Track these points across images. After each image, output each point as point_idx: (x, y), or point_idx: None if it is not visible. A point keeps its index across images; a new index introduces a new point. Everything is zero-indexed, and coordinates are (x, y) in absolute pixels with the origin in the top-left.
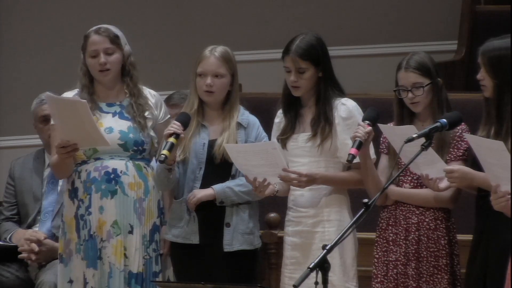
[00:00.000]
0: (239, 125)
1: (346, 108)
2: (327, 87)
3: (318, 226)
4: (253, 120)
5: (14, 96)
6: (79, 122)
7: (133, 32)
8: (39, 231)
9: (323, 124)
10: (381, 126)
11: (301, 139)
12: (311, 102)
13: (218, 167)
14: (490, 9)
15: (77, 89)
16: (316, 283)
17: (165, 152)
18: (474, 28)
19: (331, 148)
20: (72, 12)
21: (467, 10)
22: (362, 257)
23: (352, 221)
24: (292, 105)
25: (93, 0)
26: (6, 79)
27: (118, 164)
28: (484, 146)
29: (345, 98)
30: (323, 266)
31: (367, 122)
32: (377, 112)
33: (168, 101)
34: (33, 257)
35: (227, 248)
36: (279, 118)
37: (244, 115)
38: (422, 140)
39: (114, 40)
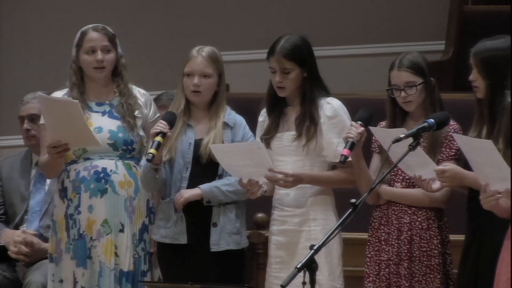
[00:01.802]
0: (226, 125)
1: (331, 107)
2: (313, 87)
3: (304, 225)
4: (240, 120)
5: (3, 96)
6: (70, 122)
7: (121, 33)
8: (28, 230)
9: (308, 124)
10: (372, 128)
11: (286, 138)
12: (296, 102)
13: (205, 167)
14: (478, 9)
15: (67, 89)
16: (304, 283)
17: (152, 151)
18: (462, 28)
19: (316, 147)
20: (66, 13)
21: (455, 10)
22: (352, 257)
23: (339, 221)
24: (277, 105)
25: (82, 1)
26: None
27: (107, 163)
28: (473, 145)
29: (330, 97)
30: (310, 266)
31: (360, 122)
32: (370, 112)
33: (156, 102)
34: (27, 259)
35: (214, 248)
36: (263, 117)
37: (230, 115)
38: (411, 140)
39: (112, 39)
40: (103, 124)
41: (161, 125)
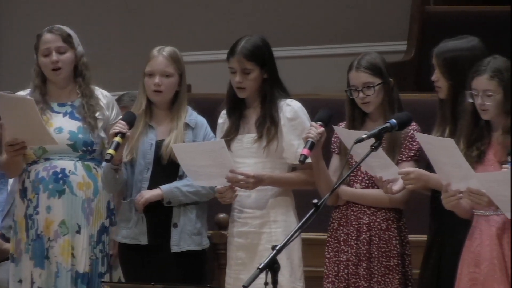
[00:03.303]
0: (187, 125)
1: (291, 109)
2: (273, 89)
3: (264, 227)
4: (201, 121)
5: None
6: (27, 120)
7: (83, 33)
8: None
9: (269, 125)
10: (336, 128)
11: (246, 140)
12: (256, 103)
13: (166, 168)
14: (440, 10)
15: (30, 89)
16: (266, 283)
17: (110, 151)
18: (423, 28)
19: (277, 149)
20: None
21: (416, 10)
22: (312, 257)
23: (301, 222)
24: (237, 106)
25: (43, 3)
26: None
27: (66, 164)
28: (435, 144)
29: (290, 99)
30: (273, 266)
31: (319, 122)
32: (330, 113)
33: (118, 103)
34: None
35: (174, 248)
36: (223, 119)
37: (192, 115)
38: (373, 141)
39: (67, 39)
40: (63, 124)
41: (120, 126)
